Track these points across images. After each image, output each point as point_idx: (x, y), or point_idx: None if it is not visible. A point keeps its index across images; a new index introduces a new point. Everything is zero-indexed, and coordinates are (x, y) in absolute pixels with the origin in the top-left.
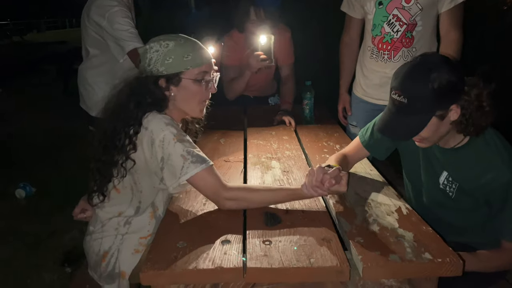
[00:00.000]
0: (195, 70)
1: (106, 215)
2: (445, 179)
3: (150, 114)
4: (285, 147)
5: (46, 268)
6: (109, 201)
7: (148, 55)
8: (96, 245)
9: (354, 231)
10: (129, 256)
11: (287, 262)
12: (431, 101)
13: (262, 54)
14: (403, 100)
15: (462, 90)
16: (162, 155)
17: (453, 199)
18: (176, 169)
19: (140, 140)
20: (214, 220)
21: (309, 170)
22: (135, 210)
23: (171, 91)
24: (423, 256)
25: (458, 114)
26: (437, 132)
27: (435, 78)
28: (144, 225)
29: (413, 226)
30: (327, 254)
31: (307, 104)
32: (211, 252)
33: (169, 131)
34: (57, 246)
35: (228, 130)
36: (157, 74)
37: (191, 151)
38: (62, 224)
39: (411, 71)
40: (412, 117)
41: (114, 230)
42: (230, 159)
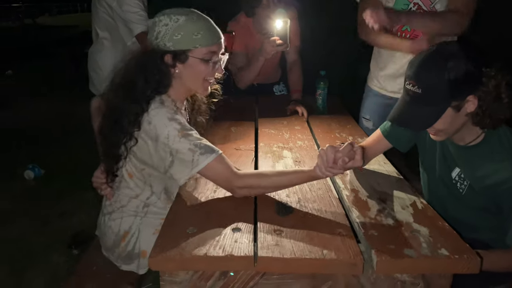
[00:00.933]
0: (204, 49)
1: (124, 197)
2: (457, 175)
3: (154, 105)
4: (297, 137)
5: (53, 249)
6: (125, 183)
7: (156, 28)
8: (116, 225)
9: (367, 224)
10: (150, 236)
11: (299, 252)
12: (447, 91)
13: (278, 39)
14: (417, 90)
15: (480, 80)
16: (170, 150)
17: (463, 195)
18: (187, 163)
19: (143, 132)
20: (224, 208)
21: (320, 150)
22: (150, 193)
23: (177, 68)
24: (439, 252)
25: (475, 105)
26: (453, 124)
27: (451, 67)
28: (164, 207)
29: (428, 221)
30: (341, 246)
31: (320, 94)
32: (221, 239)
33: (173, 127)
34: (65, 228)
35: (239, 118)
36: (163, 49)
37: (198, 143)
38: (70, 207)
39: (426, 60)
40: (426, 108)
41: (133, 211)
42: (241, 147)
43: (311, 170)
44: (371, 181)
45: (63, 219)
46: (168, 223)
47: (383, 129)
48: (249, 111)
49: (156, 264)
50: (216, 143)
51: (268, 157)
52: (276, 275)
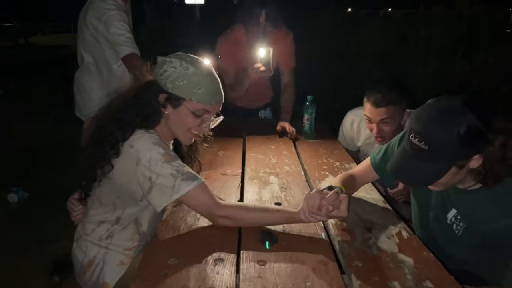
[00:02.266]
0: (199, 105)
1: (89, 225)
2: (453, 216)
3: (139, 132)
4: (284, 162)
5: (34, 276)
6: (94, 210)
7: (165, 67)
8: (81, 253)
9: (352, 254)
10: (114, 267)
11: (282, 285)
12: (455, 150)
13: (261, 66)
14: (423, 147)
15: (487, 139)
16: (150, 175)
17: (458, 236)
18: (167, 188)
19: (124, 156)
20: (208, 237)
21: (306, 194)
22: (115, 220)
23: (167, 109)
24: (424, 284)
25: (479, 163)
26: (453, 179)
27: (461, 125)
28: (127, 239)
29: (413, 251)
30: (324, 278)
31: (308, 119)
32: (203, 271)
33: (156, 151)
34: (47, 254)
35: (227, 142)
36: (162, 87)
37: (181, 169)
38: (53, 231)
39: (435, 116)
40: (430, 165)
41: (97, 241)
42: (228, 173)
43: (295, 213)
44: (357, 209)
45: (46, 244)
46: (149, 252)
47: (372, 160)
48: (236, 135)
49: None
50: (203, 167)
51: (255, 183)
52: None
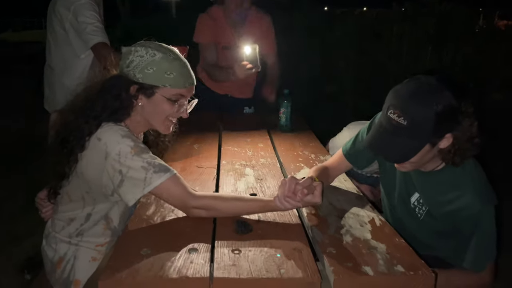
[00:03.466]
0: (173, 90)
1: (59, 222)
2: (416, 200)
3: (106, 124)
4: (260, 155)
5: (5, 274)
6: (63, 206)
7: (130, 57)
8: (51, 251)
9: (326, 242)
10: (86, 264)
11: (256, 272)
12: (431, 127)
13: (248, 64)
14: (402, 122)
15: (459, 119)
16: (120, 168)
17: (421, 220)
18: (138, 181)
19: (91, 149)
20: (182, 228)
21: (281, 180)
22: (85, 217)
23: (140, 100)
24: (395, 269)
25: (449, 143)
26: (423, 158)
27: (440, 102)
28: (99, 235)
29: (386, 238)
30: (298, 264)
31: (284, 113)
32: (176, 260)
33: (126, 144)
34: (18, 252)
35: (202, 135)
36: (131, 79)
37: (152, 161)
38: (23, 229)
39: (414, 92)
40: (408, 141)
41: (67, 238)
42: (203, 165)
43: (270, 200)
44: (331, 198)
45: (16, 242)
46: (121, 244)
47: (344, 151)
48: (213, 128)
49: (106, 287)
50: (178, 160)
51: (230, 175)
52: None
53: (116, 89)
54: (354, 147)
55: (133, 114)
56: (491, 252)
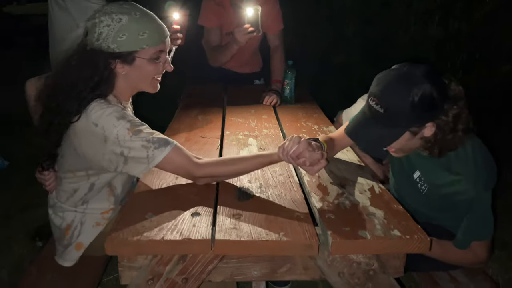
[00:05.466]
0: (151, 49)
1: (64, 193)
2: (418, 177)
3: (96, 105)
4: (263, 126)
5: (16, 241)
6: (66, 179)
7: (97, 29)
8: (58, 219)
9: (325, 208)
10: (90, 228)
11: (256, 235)
12: (409, 116)
13: (249, 26)
14: (379, 110)
15: (442, 109)
16: (122, 150)
17: (423, 195)
18: (142, 159)
19: (90, 134)
20: (185, 194)
21: (294, 137)
22: (88, 187)
23: (122, 69)
24: (392, 233)
25: (432, 132)
26: (407, 145)
27: (417, 94)
28: (103, 202)
29: (384, 204)
30: (298, 228)
31: (288, 84)
32: (179, 224)
33: (122, 126)
34: (29, 220)
35: (207, 107)
36: (107, 51)
37: (151, 138)
38: (34, 199)
39: (394, 82)
40: (385, 129)
41: (73, 208)
42: (207, 135)
43: (273, 154)
44: (333, 167)
45: (28, 211)
46: (126, 208)
47: (347, 129)
48: (217, 100)
49: (113, 248)
50: (182, 130)
51: (233, 144)
52: (235, 258)
53: (92, 63)
54: None
55: (118, 83)
56: (479, 233)
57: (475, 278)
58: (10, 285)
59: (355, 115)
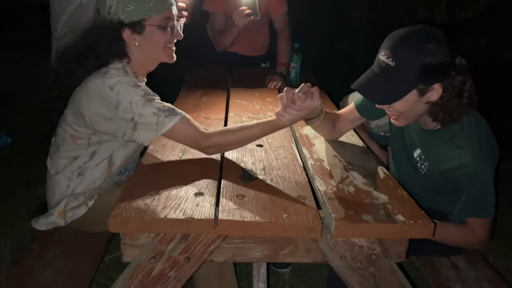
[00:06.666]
0: (158, 16)
1: (61, 161)
2: (418, 155)
3: (114, 71)
4: (267, 108)
5: (19, 218)
6: (66, 146)
7: (107, 3)
8: (52, 193)
9: (329, 191)
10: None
11: (260, 216)
12: (418, 71)
13: (246, 9)
14: (390, 63)
15: (450, 72)
16: (132, 116)
17: (422, 175)
18: (151, 126)
19: (103, 98)
20: (189, 173)
21: (279, 95)
22: (90, 155)
23: (136, 40)
24: (396, 218)
25: (438, 95)
26: (412, 109)
27: (430, 50)
28: (96, 178)
29: (388, 190)
30: (301, 211)
31: (293, 67)
32: (183, 203)
33: (136, 93)
34: (32, 197)
35: (211, 89)
36: (118, 22)
37: (161, 106)
38: (38, 176)
39: (407, 36)
40: (394, 83)
41: (67, 180)
42: (211, 117)
43: (273, 119)
44: (337, 151)
45: (30, 188)
46: (129, 186)
47: (356, 102)
48: (222, 81)
49: (115, 226)
50: (186, 111)
51: None
52: (237, 239)
53: (103, 37)
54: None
55: (133, 56)
56: (478, 210)
57: (476, 266)
58: (13, 261)
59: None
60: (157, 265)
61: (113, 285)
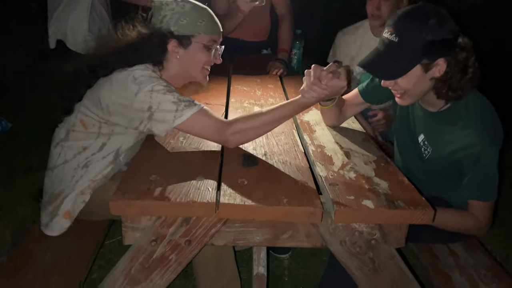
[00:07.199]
0: (207, 37)
1: (70, 151)
2: (422, 140)
3: (144, 68)
4: (269, 95)
5: (20, 202)
6: (75, 134)
7: (162, 12)
8: (55, 182)
9: (330, 177)
10: (78, 196)
11: (261, 200)
12: (421, 47)
13: None
14: (393, 39)
15: (454, 47)
16: (150, 104)
17: (426, 160)
18: (169, 114)
19: (123, 86)
20: (190, 158)
21: (305, 71)
22: (99, 146)
23: (179, 53)
24: (396, 204)
25: (442, 71)
26: (417, 86)
27: (432, 25)
28: (99, 171)
29: (389, 176)
30: (301, 195)
31: (295, 54)
32: (184, 187)
33: (158, 83)
34: (32, 181)
35: (212, 74)
36: (168, 31)
37: (182, 97)
38: (37, 161)
39: (411, 12)
40: (398, 59)
41: (72, 171)
42: (212, 102)
43: (297, 98)
44: (338, 138)
45: (31, 172)
46: (131, 169)
47: (360, 87)
48: (222, 68)
49: (117, 208)
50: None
51: (239, 112)
52: (238, 223)
53: (150, 46)
54: (370, 82)
55: (169, 66)
56: (481, 193)
57: (474, 253)
58: (13, 244)
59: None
60: (158, 248)
61: (114, 268)
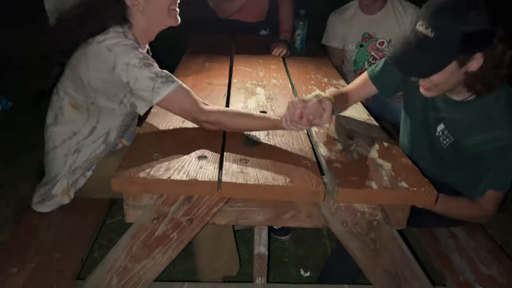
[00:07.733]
0: None
1: (58, 136)
2: (441, 130)
3: (114, 34)
4: (271, 76)
5: (21, 181)
6: (64, 117)
7: None
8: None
9: (333, 158)
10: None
11: (263, 179)
12: (460, 42)
13: None
14: (429, 34)
15: (491, 41)
16: (128, 79)
17: (444, 149)
18: (147, 92)
19: (100, 59)
20: (192, 137)
21: (289, 102)
22: (89, 131)
23: (139, 4)
24: (399, 184)
25: (478, 65)
26: (449, 80)
27: (471, 18)
28: (91, 152)
29: (392, 157)
30: (304, 175)
31: (298, 35)
32: (186, 165)
33: (134, 55)
34: (33, 160)
35: (214, 54)
36: None
37: (159, 72)
38: (38, 139)
39: (447, 5)
40: (433, 55)
41: (63, 156)
42: (214, 83)
43: (277, 120)
44: (341, 120)
45: (32, 151)
46: (133, 147)
47: (371, 73)
48: (225, 48)
49: (119, 185)
50: (189, 76)
51: (241, 93)
52: (240, 202)
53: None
54: (382, 70)
55: (135, 21)
56: (501, 183)
57: (475, 236)
58: (15, 222)
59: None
60: (159, 226)
61: (115, 245)
